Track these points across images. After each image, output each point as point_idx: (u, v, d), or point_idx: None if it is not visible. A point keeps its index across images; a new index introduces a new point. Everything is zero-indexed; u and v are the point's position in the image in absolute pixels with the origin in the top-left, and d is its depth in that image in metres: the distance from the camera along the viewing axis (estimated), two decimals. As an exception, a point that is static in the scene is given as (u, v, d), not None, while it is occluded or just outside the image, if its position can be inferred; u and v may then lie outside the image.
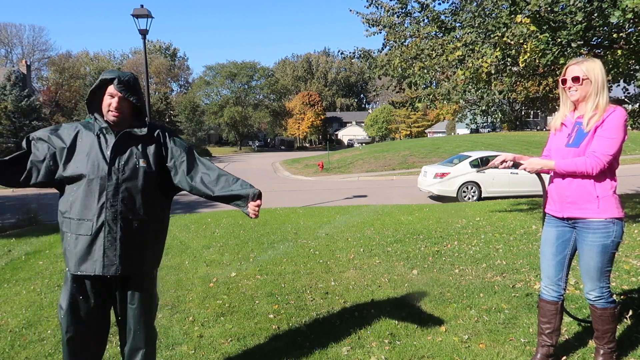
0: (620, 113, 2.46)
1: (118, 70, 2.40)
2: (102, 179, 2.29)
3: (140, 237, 2.37)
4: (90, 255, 2.28)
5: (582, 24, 5.00)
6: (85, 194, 2.29)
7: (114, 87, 2.31)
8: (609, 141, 2.43)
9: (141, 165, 2.36)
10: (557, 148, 2.64)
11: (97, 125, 2.38)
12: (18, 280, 5.35)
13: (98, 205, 2.27)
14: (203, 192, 2.38)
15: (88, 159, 2.31)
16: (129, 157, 2.35)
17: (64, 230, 2.35)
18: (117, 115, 2.34)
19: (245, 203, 2.33)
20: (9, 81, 32.36)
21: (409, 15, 7.36)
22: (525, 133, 39.78)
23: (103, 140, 2.36)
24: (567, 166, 2.49)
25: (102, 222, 2.28)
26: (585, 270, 2.58)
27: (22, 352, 3.35)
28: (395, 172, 23.55)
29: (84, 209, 2.28)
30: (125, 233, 2.31)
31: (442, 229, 7.41)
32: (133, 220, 2.33)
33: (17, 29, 70.60)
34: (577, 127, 2.56)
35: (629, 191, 12.71)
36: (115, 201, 2.29)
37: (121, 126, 2.38)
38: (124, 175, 2.32)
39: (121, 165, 2.32)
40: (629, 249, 5.51)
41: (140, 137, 2.40)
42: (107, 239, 2.28)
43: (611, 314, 2.60)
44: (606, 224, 2.49)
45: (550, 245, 2.69)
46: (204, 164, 2.47)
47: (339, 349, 3.16)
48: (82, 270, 2.28)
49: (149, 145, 2.42)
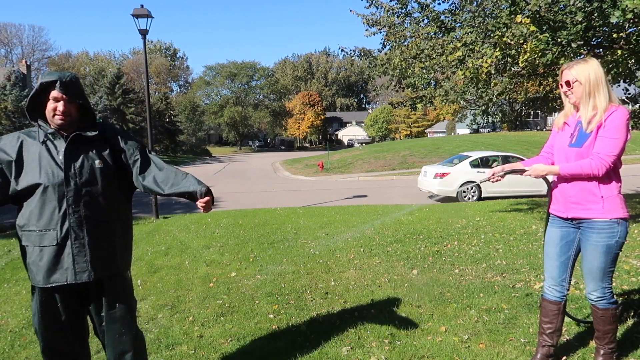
0: (622, 112, 2.45)
1: (56, 71, 2.29)
2: (60, 185, 2.21)
3: (109, 239, 2.32)
4: (60, 264, 2.21)
5: (582, 24, 5.00)
6: (43, 204, 2.20)
7: (57, 90, 2.21)
8: (612, 141, 2.42)
9: (97, 166, 2.29)
10: (560, 147, 2.63)
11: (41, 132, 2.28)
12: (18, 280, 5.35)
13: (60, 213, 2.20)
14: (155, 190, 2.38)
15: (40, 168, 2.21)
16: (83, 159, 2.27)
17: (25, 244, 2.26)
18: (63, 119, 2.24)
19: (194, 200, 2.32)
20: (9, 81, 32.35)
21: (409, 15, 7.36)
22: (525, 133, 39.77)
23: (52, 147, 2.26)
24: (573, 169, 2.49)
25: (66, 229, 2.20)
26: (588, 270, 2.57)
27: (22, 352, 3.35)
28: (395, 172, 23.54)
29: (45, 219, 2.20)
30: (93, 237, 2.25)
31: (442, 229, 7.41)
32: (99, 223, 2.27)
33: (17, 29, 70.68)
34: (579, 127, 2.55)
35: (629, 191, 12.70)
36: (77, 206, 2.22)
37: (69, 129, 2.29)
38: (82, 178, 2.24)
39: (77, 169, 2.24)
40: (629, 249, 5.51)
41: (91, 139, 2.32)
42: (74, 245, 2.21)
43: (613, 315, 2.60)
44: (611, 224, 2.47)
45: (555, 245, 2.68)
46: (155, 162, 2.44)
47: (339, 349, 3.16)
48: (53, 281, 2.21)
49: (101, 145, 2.35)
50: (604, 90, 2.47)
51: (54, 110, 2.23)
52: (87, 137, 2.30)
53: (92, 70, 57.09)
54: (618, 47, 5.80)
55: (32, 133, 2.31)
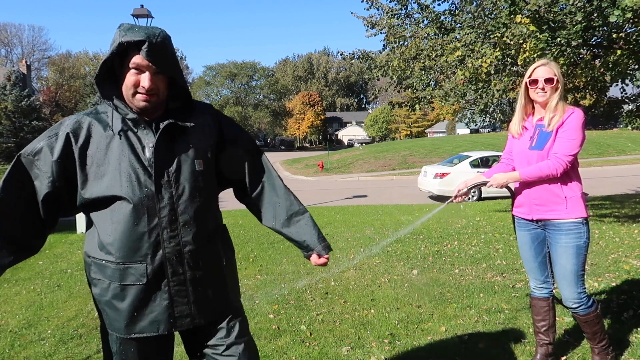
0: (580, 114, 2.50)
1: (143, 26, 1.53)
2: (150, 199, 1.54)
3: (217, 269, 1.70)
4: (149, 309, 1.59)
5: (581, 24, 5.00)
6: (125, 225, 1.54)
7: (142, 55, 1.48)
8: (570, 142, 2.46)
9: (198, 168, 1.62)
10: (520, 151, 2.65)
11: (117, 116, 1.58)
12: (18, 280, 5.35)
13: (150, 239, 1.55)
14: (259, 217, 1.85)
15: (120, 173, 1.53)
16: (180, 161, 1.59)
17: (95, 277, 1.61)
18: (149, 99, 1.55)
19: (310, 253, 1.80)
20: (9, 81, 32.36)
21: (409, 16, 7.37)
22: (525, 133, 39.67)
23: (135, 141, 1.57)
24: (532, 173, 2.51)
25: (160, 261, 1.57)
26: (561, 275, 2.57)
27: (22, 352, 3.35)
28: (395, 172, 23.55)
29: (128, 246, 1.55)
30: (196, 269, 1.62)
31: (442, 229, 7.41)
32: (202, 250, 1.63)
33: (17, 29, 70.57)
34: (539, 130, 2.57)
35: (629, 191, 12.70)
36: (174, 229, 1.57)
37: (154, 114, 1.60)
38: (179, 189, 1.58)
39: (172, 175, 1.57)
40: (629, 249, 5.51)
41: (188, 129, 1.64)
42: (172, 284, 1.59)
43: (595, 316, 2.61)
44: (577, 224, 2.50)
45: (529, 248, 2.71)
46: (270, 175, 1.82)
47: (339, 349, 3.16)
48: (140, 331, 1.60)
49: (200, 137, 1.66)
50: (563, 92, 2.54)
51: (135, 85, 1.53)
52: (183, 127, 1.62)
53: (92, 71, 57.14)
54: (617, 47, 5.80)
55: (103, 117, 1.60)
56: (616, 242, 5.87)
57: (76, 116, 1.62)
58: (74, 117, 1.61)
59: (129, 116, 1.57)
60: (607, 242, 5.90)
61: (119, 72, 1.55)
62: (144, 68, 1.51)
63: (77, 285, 5.02)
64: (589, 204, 9.43)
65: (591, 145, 25.23)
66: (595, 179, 15.47)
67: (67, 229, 8.67)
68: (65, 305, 4.37)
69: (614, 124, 31.93)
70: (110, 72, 1.57)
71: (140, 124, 1.58)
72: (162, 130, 1.56)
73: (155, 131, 1.58)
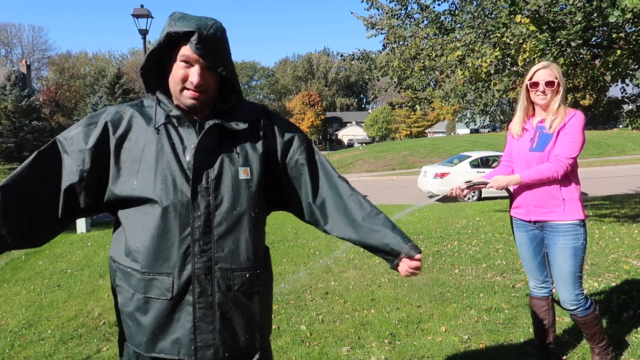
0: (581, 117, 2.51)
1: (195, 16, 1.39)
2: (184, 205, 1.38)
3: (250, 298, 1.48)
4: (172, 328, 1.42)
5: (581, 24, 5.00)
6: (157, 232, 1.38)
7: (192, 47, 1.34)
8: (572, 145, 2.47)
9: (242, 177, 1.44)
10: (520, 153, 2.65)
11: (161, 111, 1.44)
12: (18, 280, 5.35)
13: (180, 250, 1.38)
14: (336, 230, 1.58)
15: (156, 173, 1.38)
16: (222, 166, 1.42)
17: (120, 284, 1.46)
18: (198, 96, 1.40)
19: (397, 259, 1.52)
20: (9, 81, 32.36)
21: (410, 16, 7.38)
22: (525, 133, 39.72)
23: (176, 139, 1.42)
24: (533, 175, 2.52)
25: (187, 277, 1.39)
26: (559, 276, 2.58)
27: (22, 352, 3.35)
28: (395, 172, 23.57)
29: (155, 255, 1.39)
30: (226, 292, 1.43)
31: (442, 229, 7.42)
32: (236, 272, 1.44)
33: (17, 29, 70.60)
34: (539, 132, 2.58)
35: (629, 191, 12.70)
36: (207, 242, 1.39)
37: (201, 112, 1.45)
38: (219, 197, 1.41)
39: (212, 182, 1.40)
40: (629, 249, 5.51)
41: (236, 133, 1.46)
42: (198, 305, 1.40)
43: (594, 317, 2.62)
44: (574, 226, 2.51)
45: (527, 249, 2.72)
46: (338, 188, 1.57)
47: (339, 349, 3.16)
48: (160, 351, 1.43)
49: (249, 141, 1.48)
50: (565, 94, 2.54)
51: (183, 79, 1.38)
52: (231, 129, 1.44)
53: (92, 70, 57.23)
54: (617, 47, 5.81)
55: (147, 111, 1.47)
56: (616, 242, 5.87)
57: (118, 106, 1.48)
58: (116, 107, 1.48)
59: (172, 113, 1.42)
60: (607, 242, 5.90)
61: (167, 64, 1.41)
62: (193, 62, 1.36)
63: (77, 285, 5.03)
64: (589, 204, 9.44)
65: (591, 145, 25.23)
66: (595, 179, 15.48)
67: (67, 229, 8.66)
68: (65, 305, 4.37)
69: (614, 124, 31.94)
70: (158, 63, 1.43)
71: (185, 122, 1.42)
72: (206, 131, 1.40)
73: (199, 131, 1.42)
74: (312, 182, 1.55)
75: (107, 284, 5.01)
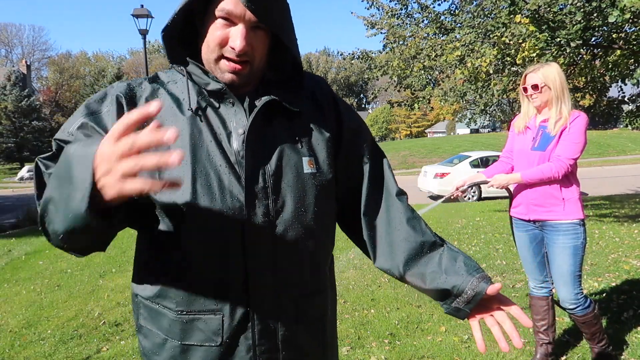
0: (584, 119, 2.53)
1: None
2: (237, 213, 0.96)
3: (319, 323, 1.11)
4: None
5: (581, 24, 5.01)
6: (197, 253, 0.96)
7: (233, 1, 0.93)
8: (574, 145, 2.49)
9: (307, 170, 1.03)
10: (522, 151, 2.67)
11: (192, 88, 1.01)
12: (18, 280, 5.35)
13: (232, 275, 0.97)
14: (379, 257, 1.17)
15: (193, 169, 0.95)
16: (281, 157, 1.01)
17: (146, 326, 1.04)
18: (240, 70, 0.97)
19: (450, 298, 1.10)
20: (9, 81, 32.40)
21: (410, 16, 7.39)
22: (525, 133, 39.73)
23: (217, 123, 1.00)
24: (534, 175, 2.53)
25: (243, 313, 0.98)
26: (558, 276, 2.59)
27: (22, 352, 3.35)
28: (395, 172, 23.50)
29: (198, 288, 0.98)
30: (293, 325, 1.04)
31: (442, 229, 7.42)
32: (304, 301, 1.06)
33: (17, 29, 70.73)
34: (542, 131, 2.60)
35: (629, 191, 12.70)
36: (267, 264, 0.99)
37: (246, 87, 1.02)
38: (280, 200, 0.99)
39: (270, 179, 0.98)
40: (629, 249, 5.51)
41: (295, 113, 1.05)
42: (260, 349, 1.00)
43: (593, 318, 2.63)
44: (574, 225, 2.53)
45: (527, 248, 2.74)
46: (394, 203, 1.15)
47: (339, 349, 3.16)
48: None
49: (312, 125, 1.07)
50: (567, 95, 2.55)
51: (222, 43, 0.96)
52: (290, 110, 1.04)
53: (92, 71, 57.23)
54: (617, 47, 5.81)
55: (172, 87, 1.03)
56: (616, 242, 5.87)
57: (128, 81, 1.05)
58: (125, 82, 1.04)
59: (210, 86, 0.99)
60: (607, 242, 5.90)
61: (200, 25, 1.00)
62: (237, 18, 0.93)
63: (77, 285, 5.03)
64: (589, 204, 9.44)
65: (591, 145, 25.22)
66: (595, 179, 15.47)
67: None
68: (65, 305, 4.37)
69: (614, 124, 31.93)
70: (187, 24, 1.00)
71: (229, 98, 1.00)
72: (259, 110, 0.99)
73: (249, 111, 1.00)
74: (368, 189, 1.14)
75: (107, 284, 5.01)
